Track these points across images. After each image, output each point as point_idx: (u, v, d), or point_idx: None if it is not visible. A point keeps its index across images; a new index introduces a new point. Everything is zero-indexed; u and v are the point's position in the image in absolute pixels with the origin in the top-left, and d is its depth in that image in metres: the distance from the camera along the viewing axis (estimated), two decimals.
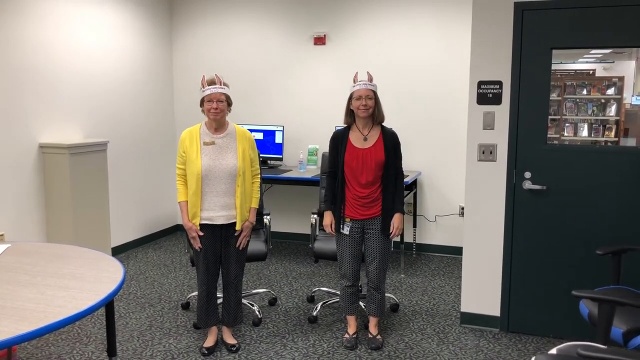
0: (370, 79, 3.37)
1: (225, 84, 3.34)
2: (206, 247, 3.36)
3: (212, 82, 3.29)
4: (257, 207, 3.50)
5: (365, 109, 3.32)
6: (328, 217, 3.49)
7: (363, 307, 3.92)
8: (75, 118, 4.96)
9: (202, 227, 3.34)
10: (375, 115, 3.40)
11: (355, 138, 3.43)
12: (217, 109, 3.26)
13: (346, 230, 3.46)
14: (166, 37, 6.17)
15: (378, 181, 3.39)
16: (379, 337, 3.56)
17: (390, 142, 3.41)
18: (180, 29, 6.21)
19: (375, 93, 3.36)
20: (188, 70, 6.24)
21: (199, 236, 3.34)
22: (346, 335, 3.58)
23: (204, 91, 3.29)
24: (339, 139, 3.47)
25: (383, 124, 3.47)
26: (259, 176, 3.53)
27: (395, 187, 3.43)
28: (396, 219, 3.42)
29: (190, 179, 3.30)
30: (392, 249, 3.72)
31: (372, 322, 3.60)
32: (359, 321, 3.81)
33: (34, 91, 4.53)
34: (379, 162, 3.36)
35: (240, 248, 3.41)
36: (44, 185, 4.65)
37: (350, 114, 3.45)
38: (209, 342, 3.48)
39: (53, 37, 4.68)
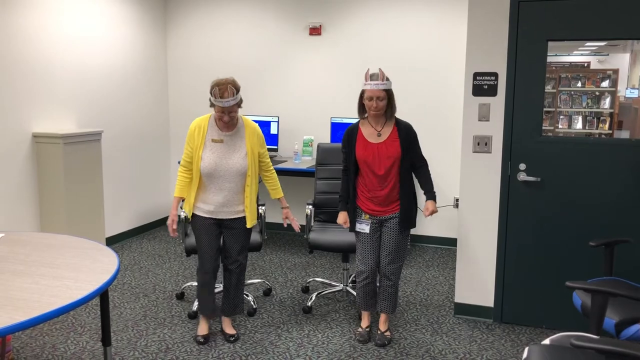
0: (383, 77, 3.19)
1: (237, 89, 3.16)
2: (208, 234, 3.35)
3: (223, 94, 3.10)
4: (283, 195, 3.57)
5: (376, 110, 3.24)
6: (342, 216, 3.43)
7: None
8: (69, 108, 4.93)
9: (203, 218, 3.35)
10: (387, 112, 3.29)
11: (368, 134, 3.33)
12: (231, 120, 3.19)
13: (366, 229, 3.39)
14: (160, 27, 6.12)
15: (395, 176, 3.31)
16: (387, 333, 3.49)
17: (405, 136, 3.30)
18: (175, 19, 6.17)
19: (387, 92, 3.22)
20: (182, 60, 6.20)
21: (200, 224, 3.35)
22: (359, 329, 3.55)
23: (215, 101, 3.12)
24: (351, 135, 3.39)
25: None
26: (273, 169, 3.52)
27: (420, 176, 3.39)
28: (430, 204, 3.34)
29: (195, 173, 3.30)
30: None
31: (382, 318, 3.53)
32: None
33: (28, 81, 4.49)
34: (392, 156, 3.26)
35: (297, 230, 3.48)
36: (38, 175, 4.62)
37: (362, 109, 3.34)
38: (203, 330, 3.48)
39: (47, 26, 4.63)
